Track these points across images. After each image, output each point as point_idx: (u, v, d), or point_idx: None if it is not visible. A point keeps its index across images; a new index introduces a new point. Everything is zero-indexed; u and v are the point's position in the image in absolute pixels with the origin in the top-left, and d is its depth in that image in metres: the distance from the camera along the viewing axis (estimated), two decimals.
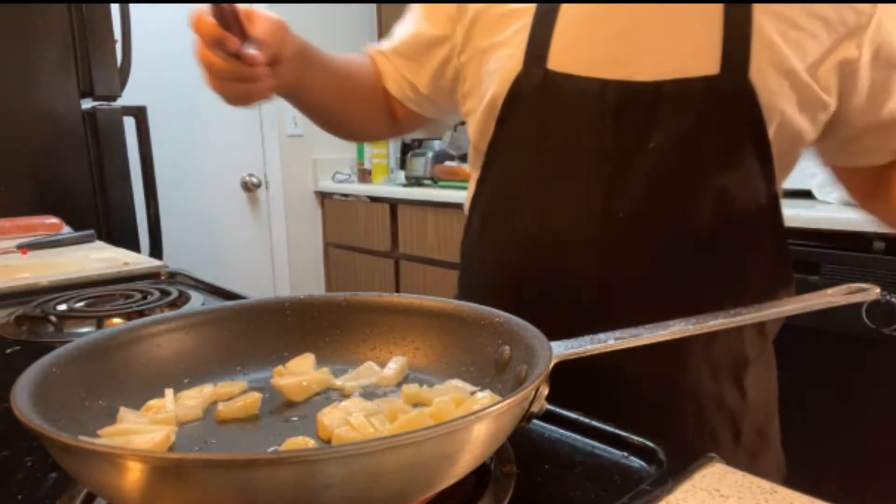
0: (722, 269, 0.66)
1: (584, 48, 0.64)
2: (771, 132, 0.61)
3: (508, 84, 0.67)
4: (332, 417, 0.45)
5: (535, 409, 0.42)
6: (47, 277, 1.06)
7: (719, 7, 0.61)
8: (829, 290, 0.52)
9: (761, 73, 0.60)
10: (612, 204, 0.64)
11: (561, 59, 0.65)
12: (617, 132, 0.63)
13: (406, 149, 3.10)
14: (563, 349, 0.45)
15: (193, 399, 0.49)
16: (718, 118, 0.61)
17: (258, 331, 0.56)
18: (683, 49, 0.61)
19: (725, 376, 0.69)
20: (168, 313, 0.58)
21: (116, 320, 0.83)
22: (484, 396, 0.45)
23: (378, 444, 0.31)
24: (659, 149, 0.62)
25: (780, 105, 0.61)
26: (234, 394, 0.51)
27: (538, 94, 0.66)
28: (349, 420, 0.44)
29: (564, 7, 0.66)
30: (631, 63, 0.62)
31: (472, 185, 0.78)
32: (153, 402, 0.48)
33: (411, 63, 0.81)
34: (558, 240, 0.67)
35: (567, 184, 0.66)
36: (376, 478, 0.32)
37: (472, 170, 0.80)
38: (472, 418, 0.34)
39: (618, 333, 0.47)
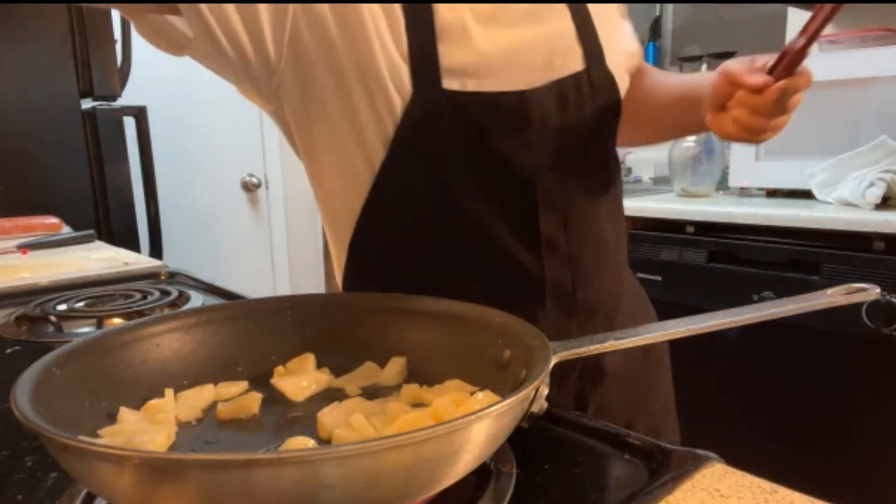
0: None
1: (474, 66, 0.62)
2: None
3: (398, 108, 0.61)
4: (332, 417, 0.45)
5: (535, 409, 0.42)
6: (47, 277, 1.06)
7: (566, 10, 0.68)
8: (829, 291, 0.52)
9: (614, 59, 0.70)
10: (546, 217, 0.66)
11: (450, 79, 0.61)
12: (529, 140, 0.64)
13: None
14: (562, 349, 0.45)
15: (193, 399, 0.49)
16: (595, 106, 0.68)
17: (258, 331, 0.56)
18: (550, 55, 0.66)
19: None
20: (168, 313, 0.58)
21: (116, 320, 0.83)
22: (484, 396, 0.45)
23: (378, 444, 0.31)
24: (562, 143, 0.67)
25: (625, 81, 0.73)
26: (234, 394, 0.51)
27: (439, 116, 0.61)
28: (349, 420, 0.44)
29: (439, 26, 0.61)
30: (511, 77, 0.63)
31: (345, 228, 0.69)
32: (153, 403, 0.48)
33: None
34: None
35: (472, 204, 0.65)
36: (376, 478, 0.32)
37: (342, 212, 0.69)
38: (472, 418, 0.34)
39: (617, 334, 0.47)
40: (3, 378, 0.41)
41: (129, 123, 1.92)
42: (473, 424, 0.34)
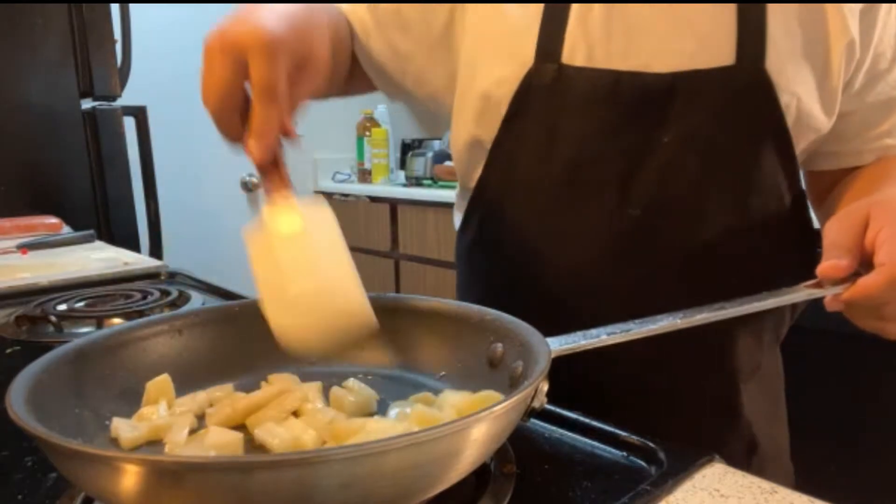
0: (742, 272, 0.64)
1: (597, 42, 0.61)
2: (790, 122, 0.60)
3: (517, 80, 0.63)
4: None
5: (535, 404, 0.42)
6: (47, 277, 1.06)
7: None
8: (805, 283, 0.52)
9: (778, 62, 0.59)
10: (625, 202, 0.62)
11: (573, 53, 0.62)
12: (630, 126, 0.61)
13: (406, 149, 3.09)
14: (557, 345, 0.45)
15: (186, 405, 0.48)
16: (734, 110, 0.60)
17: (247, 333, 0.54)
18: (698, 40, 0.60)
19: (734, 380, 0.67)
20: (161, 315, 0.57)
21: (116, 320, 0.83)
22: (484, 397, 0.45)
23: (381, 445, 0.31)
24: (673, 143, 0.60)
25: (798, 92, 0.60)
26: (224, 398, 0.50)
27: (550, 90, 0.62)
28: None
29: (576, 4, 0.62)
30: (644, 54, 0.60)
31: (467, 184, 0.73)
32: (144, 410, 0.47)
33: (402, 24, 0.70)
34: (569, 243, 0.65)
35: (580, 182, 0.63)
36: (379, 479, 0.32)
37: (464, 167, 0.73)
38: (473, 419, 0.34)
39: (610, 328, 0.46)
40: (2, 378, 0.41)
41: (129, 123, 1.92)
42: (476, 424, 0.34)
